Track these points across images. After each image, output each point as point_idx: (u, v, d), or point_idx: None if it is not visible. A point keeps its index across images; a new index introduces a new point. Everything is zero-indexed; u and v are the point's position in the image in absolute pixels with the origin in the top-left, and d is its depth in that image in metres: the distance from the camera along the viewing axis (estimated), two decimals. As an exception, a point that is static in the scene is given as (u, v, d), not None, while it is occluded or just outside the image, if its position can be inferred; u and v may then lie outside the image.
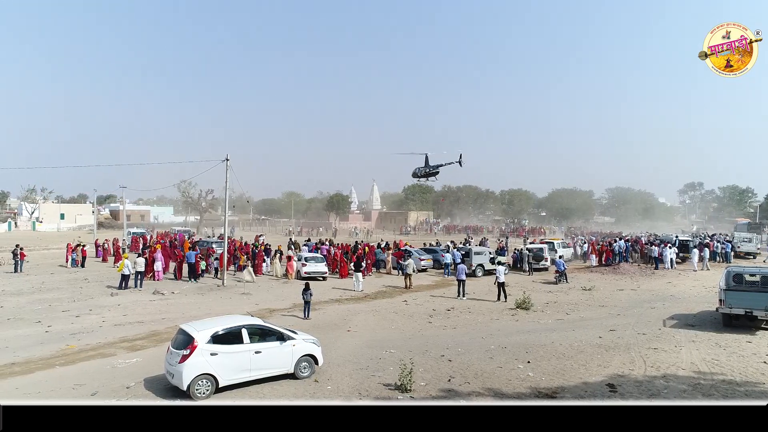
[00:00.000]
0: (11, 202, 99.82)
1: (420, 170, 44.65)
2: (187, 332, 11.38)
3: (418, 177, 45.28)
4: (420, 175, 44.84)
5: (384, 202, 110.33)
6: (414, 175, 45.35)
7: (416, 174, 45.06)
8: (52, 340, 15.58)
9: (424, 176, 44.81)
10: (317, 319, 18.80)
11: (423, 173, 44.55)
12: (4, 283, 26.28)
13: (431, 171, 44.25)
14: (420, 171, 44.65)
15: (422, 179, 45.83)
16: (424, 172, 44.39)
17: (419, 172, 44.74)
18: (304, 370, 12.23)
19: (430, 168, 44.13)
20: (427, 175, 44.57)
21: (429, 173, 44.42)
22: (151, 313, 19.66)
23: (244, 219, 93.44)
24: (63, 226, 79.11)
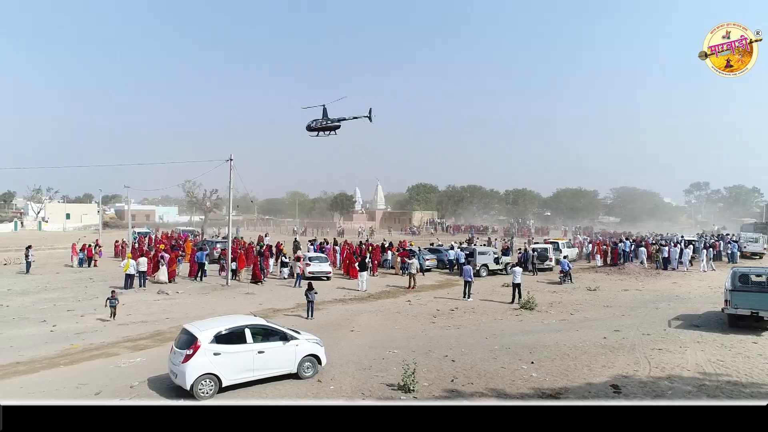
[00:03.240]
0: (17, 201, 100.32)
1: (316, 123, 39.75)
2: (190, 332, 11.40)
3: (313, 130, 40.04)
4: (316, 128, 39.83)
5: (388, 202, 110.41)
6: (309, 129, 40.06)
7: (311, 127, 39.86)
8: (57, 340, 15.65)
9: (321, 129, 40.00)
10: (321, 319, 18.79)
11: (320, 126, 39.76)
12: (11, 282, 26.41)
13: (329, 124, 39.57)
14: (316, 124, 39.79)
15: (318, 133, 40.45)
16: (322, 125, 39.69)
17: (315, 125, 39.73)
18: (307, 370, 12.22)
19: (329, 121, 39.42)
20: (325, 128, 39.83)
21: (327, 126, 39.71)
22: (155, 312, 19.71)
23: (248, 219, 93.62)
24: (69, 225, 79.49)
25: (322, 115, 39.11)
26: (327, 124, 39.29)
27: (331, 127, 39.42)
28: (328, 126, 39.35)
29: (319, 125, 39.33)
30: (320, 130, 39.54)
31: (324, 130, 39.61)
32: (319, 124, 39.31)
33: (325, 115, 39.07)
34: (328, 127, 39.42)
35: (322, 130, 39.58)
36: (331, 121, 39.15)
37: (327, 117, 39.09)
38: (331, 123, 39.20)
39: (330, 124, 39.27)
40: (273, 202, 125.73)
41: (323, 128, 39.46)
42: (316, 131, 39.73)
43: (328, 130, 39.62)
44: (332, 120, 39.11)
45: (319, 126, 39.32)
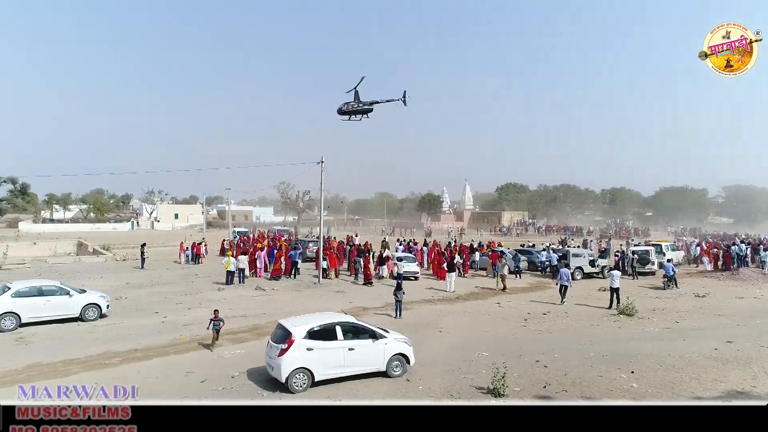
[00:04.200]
0: (134, 203, 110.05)
1: (348, 106, 38.27)
2: (285, 327, 11.93)
3: (344, 114, 38.52)
4: (347, 111, 38.32)
5: (476, 202, 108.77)
6: (340, 112, 38.58)
7: (342, 111, 38.36)
8: (167, 330, 17.00)
9: (353, 113, 38.45)
10: (409, 318, 18.91)
11: (351, 109, 38.24)
12: (128, 276, 29.07)
13: (362, 107, 37.92)
14: (347, 107, 38.29)
15: (350, 117, 38.90)
16: (353, 108, 38.13)
17: (346, 108, 38.23)
18: (396, 369, 12.35)
19: (361, 104, 37.87)
20: (357, 112, 38.21)
21: (358, 110, 38.05)
22: (253, 307, 20.82)
23: (338, 219, 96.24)
24: (177, 225, 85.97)
25: (353, 98, 38.18)
26: (359, 108, 38.14)
27: (363, 110, 38.14)
28: (359, 109, 38.16)
29: (351, 108, 38.29)
30: (352, 113, 38.44)
31: (356, 114, 38.45)
32: (350, 107, 38.28)
33: (357, 98, 38.11)
34: (359, 110, 38.19)
35: (354, 114, 38.47)
36: (363, 105, 38.03)
37: (359, 100, 38.10)
38: (363, 106, 38.04)
39: (362, 108, 38.07)
40: (362, 203, 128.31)
41: (355, 111, 38.31)
42: (348, 115, 38.64)
43: (360, 113, 38.37)
44: (364, 103, 38.02)
45: (351, 109, 38.27)
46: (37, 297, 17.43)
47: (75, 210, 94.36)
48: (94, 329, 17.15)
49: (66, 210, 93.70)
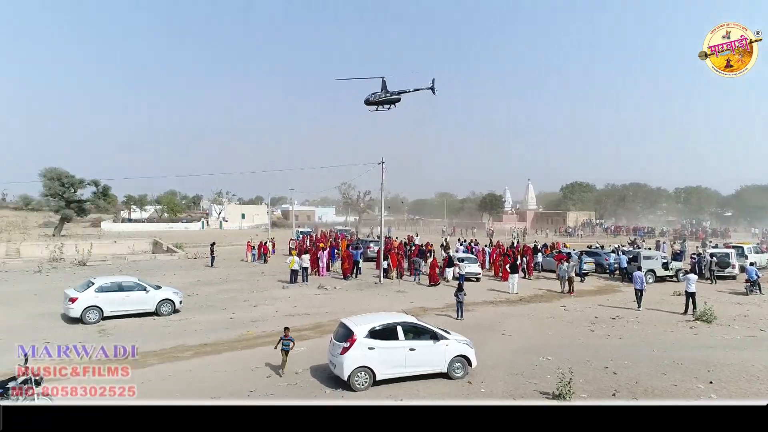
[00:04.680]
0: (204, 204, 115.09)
1: (375, 96, 37.49)
2: (347, 326, 12.09)
3: (372, 104, 37.78)
4: (374, 101, 37.60)
5: (540, 202, 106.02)
6: (367, 103, 37.82)
7: (370, 101, 37.66)
8: (235, 326, 17.65)
9: (380, 103, 37.66)
10: (470, 320, 18.68)
11: (379, 99, 37.45)
12: (199, 274, 30.44)
13: (389, 97, 37.13)
14: (375, 97, 37.52)
15: (378, 107, 38.05)
16: (381, 98, 37.34)
17: (374, 98, 37.51)
18: (457, 371, 12.24)
19: (389, 93, 37.10)
20: (384, 102, 37.44)
21: (386, 100, 37.26)
22: (316, 306, 21.25)
23: (398, 219, 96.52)
24: (243, 225, 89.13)
25: (381, 88, 37.62)
26: (386, 97, 37.60)
27: (391, 100, 37.57)
28: (387, 99, 37.62)
29: (378, 98, 37.74)
30: (379, 103, 37.84)
31: (383, 104, 37.88)
32: (378, 97, 37.74)
33: (384, 87, 37.57)
34: (387, 100, 37.65)
35: (381, 104, 37.88)
36: (390, 94, 37.48)
37: (386, 90, 37.57)
38: (391, 96, 37.48)
39: (389, 97, 37.53)
40: (422, 203, 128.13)
41: (382, 101, 37.75)
42: (375, 105, 38.04)
43: (388, 103, 37.80)
44: (392, 93, 37.49)
45: (378, 99, 37.72)
46: (118, 292, 18.58)
47: (150, 210, 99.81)
48: (168, 324, 18.07)
49: (142, 210, 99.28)
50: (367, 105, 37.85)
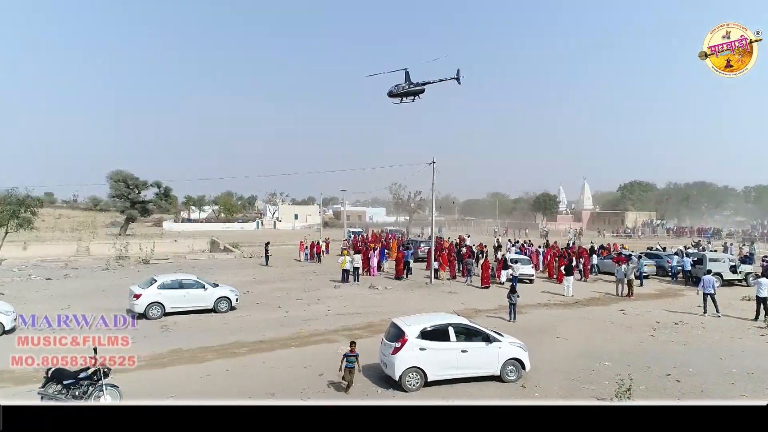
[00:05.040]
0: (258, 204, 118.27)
1: (398, 88, 36.79)
2: (398, 326, 12.12)
3: (395, 96, 37.33)
4: (397, 94, 37.10)
5: (596, 202, 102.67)
6: (390, 95, 37.39)
7: (393, 93, 37.17)
8: (289, 324, 18.03)
9: (403, 95, 37.07)
10: (523, 322, 18.32)
11: (402, 91, 36.83)
12: (253, 272, 31.29)
13: (412, 89, 36.41)
14: (398, 89, 36.84)
15: (401, 100, 37.47)
16: (404, 90, 36.67)
17: (397, 91, 36.98)
18: (510, 374, 12.04)
19: (413, 85, 36.33)
20: (408, 93, 36.78)
21: (410, 91, 36.58)
22: (367, 305, 21.41)
23: (449, 219, 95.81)
24: (296, 225, 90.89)
25: (404, 79, 37.06)
26: (410, 89, 37.07)
27: (415, 91, 37.06)
28: (411, 91, 37.10)
29: (402, 90, 37.24)
30: (403, 95, 37.42)
31: (407, 96, 37.40)
32: (401, 89, 37.26)
33: (407, 79, 37.01)
34: (411, 92, 37.17)
35: (405, 96, 37.41)
36: (414, 85, 36.92)
37: (410, 81, 36.99)
38: (415, 87, 36.91)
39: (413, 89, 36.99)
40: (473, 203, 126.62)
41: (406, 93, 37.25)
42: (399, 97, 37.61)
43: (412, 95, 37.34)
44: (415, 84, 36.89)
45: (402, 91, 37.24)
46: (178, 289, 19.35)
47: (208, 211, 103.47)
48: (225, 320, 18.67)
49: (201, 211, 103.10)
50: (390, 97, 37.60)
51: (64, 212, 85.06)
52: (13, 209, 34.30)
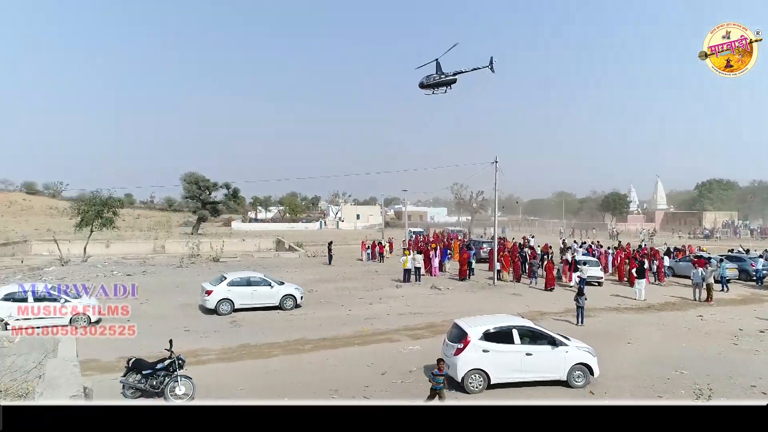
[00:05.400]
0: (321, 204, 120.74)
1: (429, 79, 35.76)
2: (461, 327, 12.01)
3: (426, 87, 36.38)
4: (429, 84, 36.17)
5: (671, 201, 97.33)
6: (422, 86, 36.46)
7: (424, 84, 36.24)
8: (351, 322, 18.28)
9: (435, 86, 36.04)
10: (591, 326, 17.66)
11: (433, 82, 35.77)
12: (317, 271, 31.96)
13: (444, 79, 35.32)
14: (429, 80, 35.80)
15: (433, 91, 36.41)
16: (435, 80, 35.61)
17: (428, 82, 36.00)
18: (577, 379, 11.66)
19: (444, 75, 35.27)
20: (439, 84, 35.73)
21: (441, 82, 35.54)
22: (429, 305, 21.34)
23: (513, 219, 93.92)
24: (358, 225, 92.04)
25: (435, 69, 36.20)
26: (441, 80, 36.13)
27: (446, 82, 36.10)
28: (442, 81, 36.16)
29: (433, 81, 36.34)
30: (434, 86, 36.51)
31: (438, 86, 36.49)
32: (432, 80, 36.33)
33: (438, 69, 36.11)
34: (442, 82, 36.22)
35: (437, 87, 36.49)
36: (445, 76, 35.98)
37: (441, 71, 36.10)
38: (446, 78, 35.99)
39: (445, 79, 36.04)
40: (538, 203, 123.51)
41: (437, 84, 36.33)
42: (430, 88, 36.71)
43: (443, 85, 36.39)
44: (447, 74, 35.97)
45: (433, 82, 36.33)
46: (246, 287, 20.08)
47: (274, 211, 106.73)
48: (290, 318, 19.18)
49: (267, 211, 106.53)
50: (422, 89, 37.07)
51: (142, 212, 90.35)
52: (97, 210, 36.98)
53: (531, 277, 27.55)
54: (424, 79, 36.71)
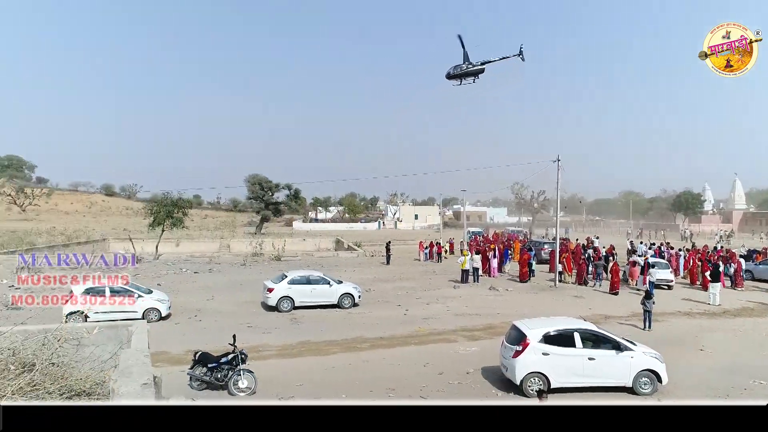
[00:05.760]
0: (380, 205, 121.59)
1: (457, 69, 35.25)
2: (520, 329, 11.77)
3: (454, 78, 36.00)
4: (456, 75, 35.72)
5: (751, 201, 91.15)
6: (449, 77, 36.12)
7: (451, 75, 35.89)
8: (408, 322, 18.31)
9: (463, 76, 35.65)
10: (660, 331, 16.83)
11: (461, 72, 35.32)
12: (375, 271, 32.22)
13: (471, 69, 34.81)
14: (456, 70, 35.31)
15: (461, 81, 36.03)
16: (462, 71, 35.14)
17: (455, 72, 35.57)
18: (644, 387, 11.18)
19: (471, 65, 34.70)
20: (467, 74, 35.33)
21: (469, 72, 35.05)
22: (487, 307, 21.04)
23: (576, 220, 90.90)
24: (416, 225, 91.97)
25: (463, 59, 35.97)
26: (469, 69, 35.93)
27: (474, 72, 35.95)
28: (470, 71, 35.98)
29: (461, 71, 36.13)
30: (462, 76, 36.32)
31: (466, 77, 36.29)
32: (459, 70, 36.12)
33: (466, 59, 35.89)
34: (470, 72, 36.04)
35: (464, 77, 36.30)
36: (473, 66, 35.76)
37: (469, 61, 35.85)
38: (474, 68, 35.78)
39: (472, 69, 35.85)
40: (603, 203, 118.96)
41: (465, 74, 36.14)
42: (458, 78, 36.48)
43: (471, 75, 36.22)
44: (474, 64, 35.74)
45: (461, 72, 36.13)
46: (306, 285, 20.53)
47: (333, 211, 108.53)
48: (348, 316, 19.43)
49: (326, 211, 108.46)
50: (449, 79, 37.13)
51: (209, 213, 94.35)
52: (168, 210, 38.96)
53: (595, 279, 26.58)
54: (451, 69, 36.99)
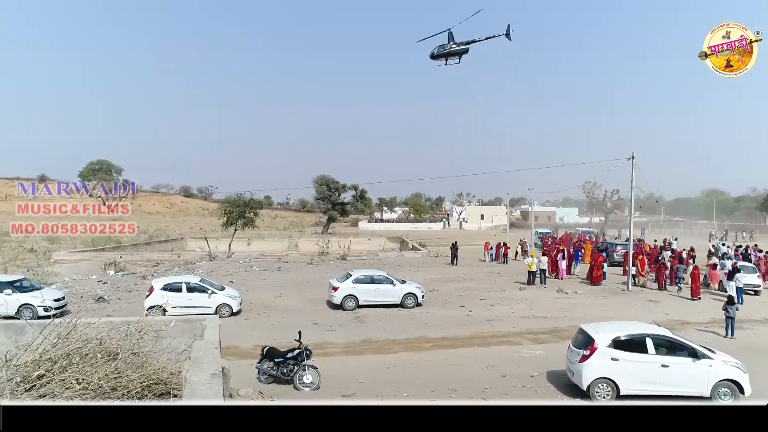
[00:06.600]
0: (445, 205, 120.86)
1: (441, 49, 34.24)
2: (587, 333, 11.40)
3: (438, 58, 35.07)
4: (440, 54, 34.81)
5: None
6: (433, 57, 35.10)
7: (435, 54, 34.94)
8: (471, 323, 18.14)
9: (447, 56, 34.47)
10: (744, 339, 15.73)
11: (445, 52, 34.23)
12: (439, 271, 32.11)
13: (455, 49, 33.77)
14: (440, 50, 34.30)
15: (446, 61, 34.87)
16: (447, 50, 34.08)
17: (439, 51, 34.75)
18: (724, 397, 10.55)
19: (456, 44, 33.62)
20: (451, 54, 34.20)
21: (453, 51, 33.93)
22: (554, 309, 20.46)
23: (653, 220, 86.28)
24: (482, 225, 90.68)
25: (447, 39, 34.97)
26: (453, 49, 34.93)
27: (458, 51, 35.01)
28: (454, 51, 35.00)
29: (445, 51, 35.19)
30: (446, 56, 35.34)
31: (450, 56, 35.30)
32: (444, 49, 35.18)
33: (451, 38, 34.86)
34: (455, 52, 35.04)
35: (448, 56, 35.31)
36: (458, 45, 34.78)
37: (453, 41, 34.83)
38: (459, 47, 34.82)
39: (456, 49, 34.89)
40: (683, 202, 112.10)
41: (449, 54, 35.16)
42: (443, 58, 35.51)
43: (455, 55, 35.23)
44: (459, 43, 34.78)
45: (445, 52, 35.16)
46: (370, 284, 20.79)
47: (398, 211, 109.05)
48: (411, 316, 19.51)
49: (392, 211, 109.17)
50: (433, 59, 36.50)
51: (279, 213, 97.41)
52: (240, 211, 40.73)
53: (675, 282, 25.15)
54: (435, 48, 36.49)
